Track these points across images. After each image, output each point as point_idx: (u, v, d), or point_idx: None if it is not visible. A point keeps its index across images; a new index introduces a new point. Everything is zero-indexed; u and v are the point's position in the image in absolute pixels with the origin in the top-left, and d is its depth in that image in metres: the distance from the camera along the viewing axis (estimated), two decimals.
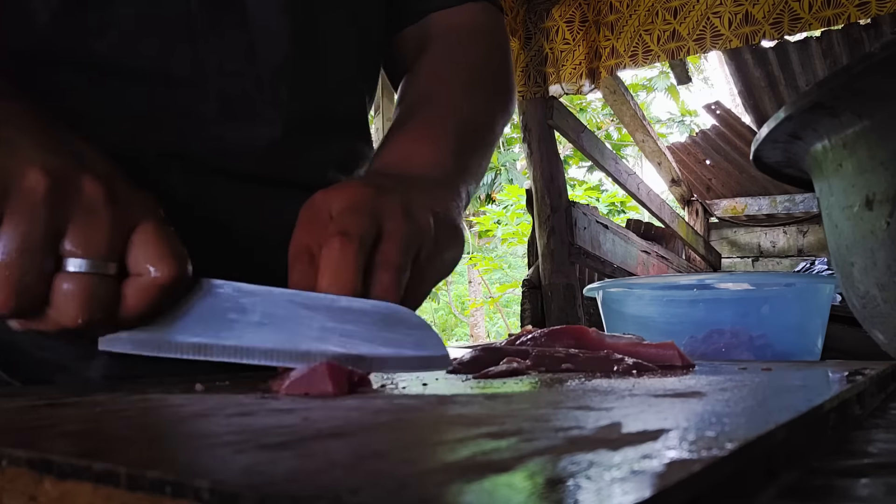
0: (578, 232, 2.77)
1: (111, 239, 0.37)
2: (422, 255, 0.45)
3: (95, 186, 0.37)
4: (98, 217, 0.37)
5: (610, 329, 1.14)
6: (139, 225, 0.38)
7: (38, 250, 0.35)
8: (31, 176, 0.35)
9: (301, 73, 0.61)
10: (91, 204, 0.37)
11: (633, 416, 0.26)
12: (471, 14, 0.72)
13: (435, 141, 0.59)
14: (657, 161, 4.75)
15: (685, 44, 2.71)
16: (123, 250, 0.38)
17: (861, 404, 0.39)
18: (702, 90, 10.33)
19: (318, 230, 0.42)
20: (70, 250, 0.36)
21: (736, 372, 0.49)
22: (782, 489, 0.22)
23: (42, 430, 0.24)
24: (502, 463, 0.17)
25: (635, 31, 2.82)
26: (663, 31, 2.76)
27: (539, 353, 0.53)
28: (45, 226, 0.35)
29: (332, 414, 0.28)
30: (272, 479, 0.16)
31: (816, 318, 0.99)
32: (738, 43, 2.61)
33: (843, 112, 0.50)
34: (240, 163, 0.59)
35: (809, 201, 4.84)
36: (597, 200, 8.09)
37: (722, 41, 2.63)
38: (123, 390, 0.40)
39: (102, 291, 0.37)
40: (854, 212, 0.51)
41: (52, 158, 0.37)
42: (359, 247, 0.40)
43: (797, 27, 2.48)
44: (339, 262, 0.40)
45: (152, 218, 0.39)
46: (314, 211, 0.44)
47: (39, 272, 0.35)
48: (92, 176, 0.37)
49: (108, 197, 0.37)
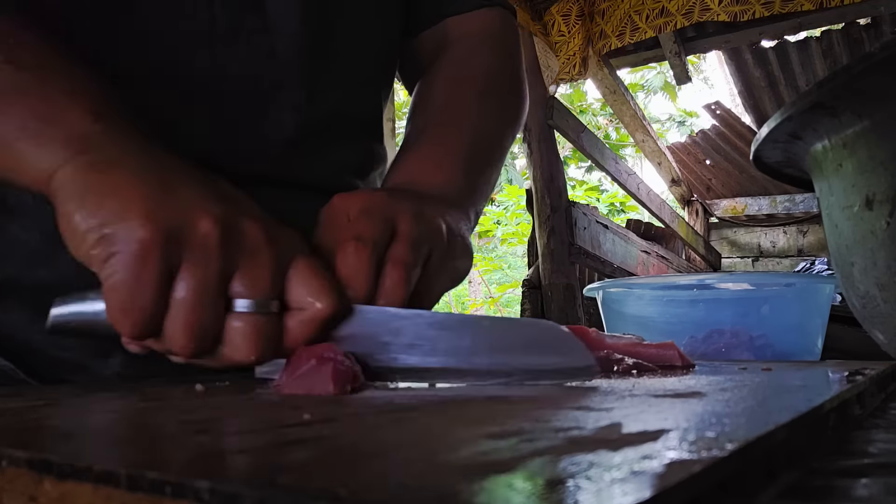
0: (578, 232, 2.77)
1: (274, 277, 0.39)
2: (433, 257, 0.47)
3: (256, 230, 0.39)
4: (261, 258, 0.38)
5: (610, 329, 1.14)
6: (294, 261, 0.40)
7: (214, 294, 0.37)
8: (203, 224, 0.37)
9: (318, 77, 0.61)
10: (254, 246, 0.39)
11: (633, 416, 0.26)
12: (485, 21, 0.73)
13: (446, 161, 0.59)
14: (657, 161, 4.75)
15: (672, 18, 2.72)
16: (283, 287, 0.39)
17: (861, 404, 0.39)
18: (702, 90, 10.34)
19: (335, 232, 0.44)
20: (239, 291, 0.38)
21: (736, 372, 0.49)
22: (782, 489, 0.22)
23: (42, 430, 0.24)
24: (502, 463, 0.17)
25: (625, 13, 2.83)
26: (652, 9, 2.77)
27: None
28: (219, 271, 0.37)
29: (332, 414, 0.28)
30: (272, 479, 0.16)
31: (816, 318, 1.00)
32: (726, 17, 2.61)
33: (843, 112, 0.50)
34: (255, 165, 0.59)
35: (809, 201, 4.84)
36: (597, 200, 8.09)
37: (710, 14, 2.63)
38: (123, 390, 0.40)
39: (270, 328, 0.39)
40: (854, 212, 0.51)
41: (218, 206, 0.38)
42: (372, 250, 0.43)
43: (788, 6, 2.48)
44: (354, 266, 0.42)
45: (304, 253, 0.41)
46: (333, 213, 0.46)
47: (216, 315, 0.37)
48: (251, 220, 0.39)
49: (267, 238, 0.39)
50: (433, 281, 0.47)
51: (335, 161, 0.65)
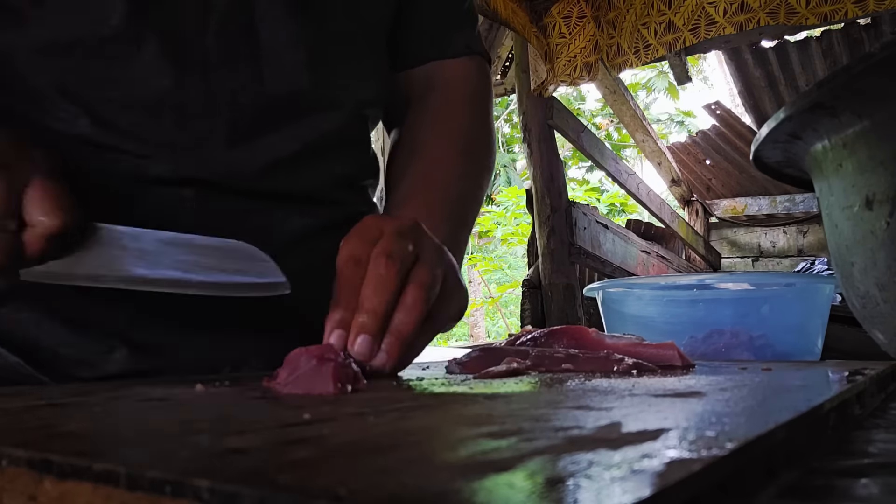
0: (578, 232, 2.77)
1: (6, 198, 0.44)
2: (449, 283, 0.52)
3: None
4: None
5: (610, 329, 1.14)
6: (31, 184, 0.45)
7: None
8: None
9: (310, 101, 0.64)
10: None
11: (633, 415, 0.26)
12: (465, 70, 0.79)
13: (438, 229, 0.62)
14: (657, 161, 4.75)
15: (680, 35, 2.71)
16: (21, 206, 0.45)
17: (861, 404, 0.39)
18: (702, 90, 10.33)
19: (366, 245, 0.49)
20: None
21: (736, 372, 0.49)
22: (782, 489, 0.22)
23: (42, 430, 0.24)
24: (502, 462, 0.17)
25: (633, 27, 2.82)
26: (659, 23, 2.76)
27: (539, 354, 0.53)
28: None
29: (332, 414, 0.28)
30: (272, 479, 0.16)
31: (816, 318, 0.99)
32: (732, 30, 2.61)
33: (843, 112, 0.50)
34: (247, 182, 0.62)
35: (809, 201, 4.84)
36: (597, 200, 8.08)
37: (716, 29, 2.63)
38: (123, 389, 0.40)
39: (5, 242, 0.44)
40: (854, 212, 0.51)
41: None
42: (400, 267, 0.47)
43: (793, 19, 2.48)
44: (383, 277, 0.46)
45: (41, 175, 0.45)
46: (365, 229, 0.51)
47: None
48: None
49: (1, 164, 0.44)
50: (443, 306, 0.51)
51: (326, 174, 0.68)
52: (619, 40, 2.88)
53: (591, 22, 2.87)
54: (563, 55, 2.85)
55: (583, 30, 2.86)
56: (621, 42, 2.87)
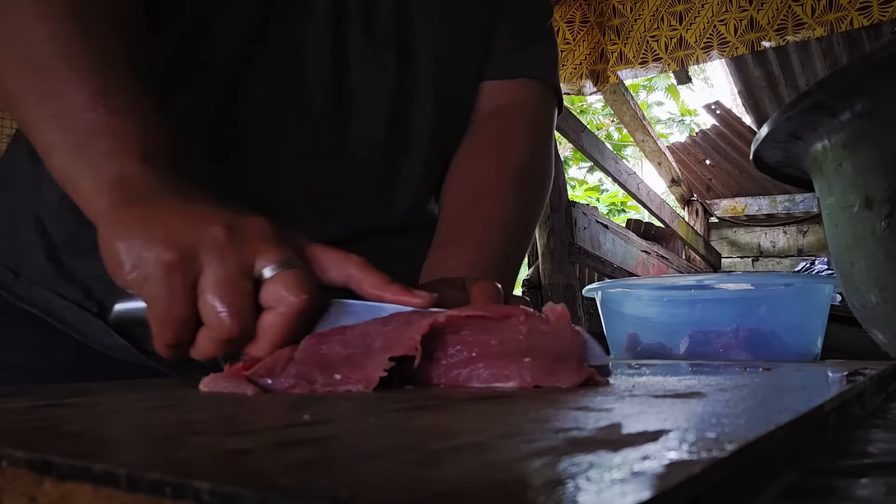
0: (578, 232, 2.77)
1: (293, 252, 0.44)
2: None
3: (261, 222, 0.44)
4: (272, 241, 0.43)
5: (609, 329, 1.14)
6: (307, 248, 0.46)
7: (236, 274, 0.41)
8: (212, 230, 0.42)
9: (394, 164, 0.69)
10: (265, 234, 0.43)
11: (633, 416, 0.26)
12: (523, 93, 0.75)
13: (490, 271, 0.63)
14: (657, 161, 4.75)
15: (693, 52, 2.71)
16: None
17: (861, 404, 0.39)
18: (702, 90, 10.33)
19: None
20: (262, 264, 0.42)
21: (736, 372, 0.49)
22: (783, 490, 0.22)
23: (42, 431, 0.24)
24: (502, 463, 0.17)
25: (642, 37, 2.81)
26: (670, 37, 2.75)
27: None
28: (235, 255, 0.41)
29: (332, 414, 0.28)
30: (272, 480, 0.16)
31: (816, 318, 1.00)
32: (745, 50, 2.61)
33: (843, 112, 0.50)
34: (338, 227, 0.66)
35: (809, 201, 4.84)
36: (597, 200, 8.08)
37: (728, 49, 2.63)
38: (123, 390, 0.40)
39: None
40: (854, 212, 0.51)
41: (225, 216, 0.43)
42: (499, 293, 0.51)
43: (801, 32, 2.48)
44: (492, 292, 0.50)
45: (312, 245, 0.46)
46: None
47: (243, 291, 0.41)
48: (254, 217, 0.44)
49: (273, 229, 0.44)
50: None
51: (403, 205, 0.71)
52: (622, 47, 2.87)
53: (595, 27, 2.86)
54: (568, 62, 2.84)
55: (587, 35, 2.85)
56: (625, 50, 2.86)
